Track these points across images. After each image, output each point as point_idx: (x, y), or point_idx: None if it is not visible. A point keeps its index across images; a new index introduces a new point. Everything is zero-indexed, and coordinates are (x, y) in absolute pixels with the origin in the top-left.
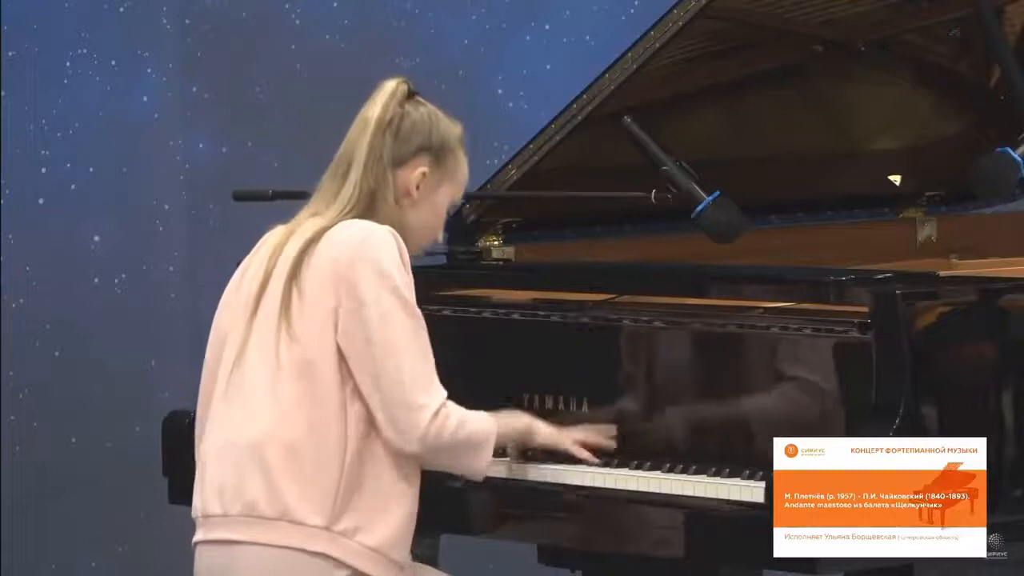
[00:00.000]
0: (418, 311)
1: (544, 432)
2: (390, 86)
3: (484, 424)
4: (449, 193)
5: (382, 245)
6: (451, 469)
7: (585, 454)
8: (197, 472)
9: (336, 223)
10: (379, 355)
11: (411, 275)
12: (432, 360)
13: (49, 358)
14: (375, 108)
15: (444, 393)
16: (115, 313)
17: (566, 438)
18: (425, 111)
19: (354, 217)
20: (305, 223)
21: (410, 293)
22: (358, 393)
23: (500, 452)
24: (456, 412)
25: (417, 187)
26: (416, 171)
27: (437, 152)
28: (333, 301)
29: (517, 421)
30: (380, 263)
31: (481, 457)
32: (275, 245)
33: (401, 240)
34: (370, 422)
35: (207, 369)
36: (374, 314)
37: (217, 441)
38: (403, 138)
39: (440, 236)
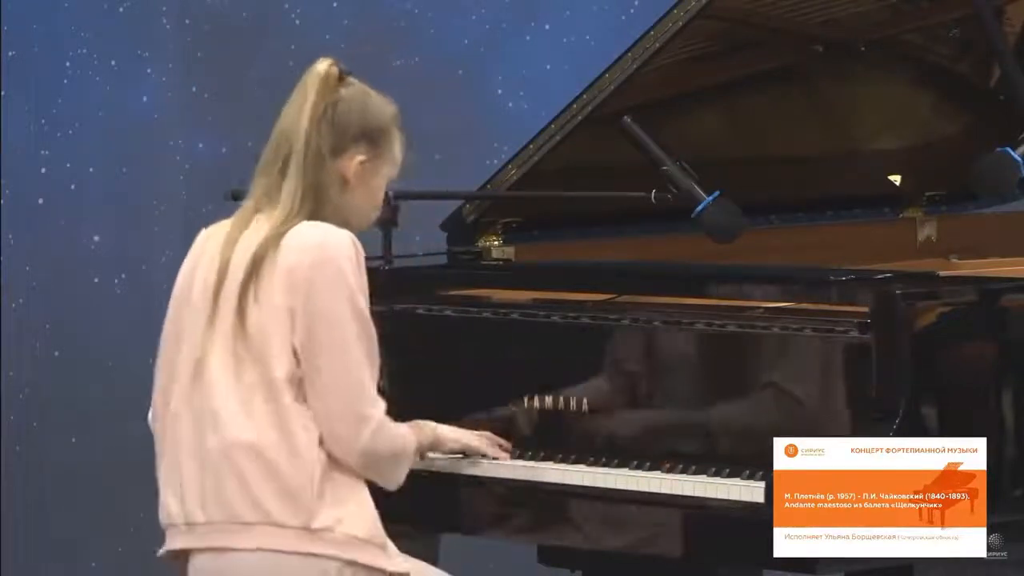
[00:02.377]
0: (369, 320)
1: (450, 438)
2: (320, 71)
3: (407, 439)
4: (386, 174)
5: (340, 252)
6: (376, 479)
7: (497, 451)
8: (170, 476)
9: (289, 227)
10: (331, 367)
11: (365, 278)
12: (376, 372)
13: (49, 358)
14: (308, 96)
15: (382, 407)
16: (115, 313)
17: (472, 439)
18: (357, 93)
19: (304, 216)
20: (254, 220)
21: (364, 300)
22: None
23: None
24: (391, 430)
25: (354, 175)
26: (353, 160)
27: (373, 138)
28: (288, 307)
29: (424, 431)
30: (337, 272)
31: (401, 472)
32: (223, 245)
33: (358, 243)
34: None
35: (164, 370)
36: (328, 325)
37: (187, 449)
38: (339, 127)
39: (375, 216)
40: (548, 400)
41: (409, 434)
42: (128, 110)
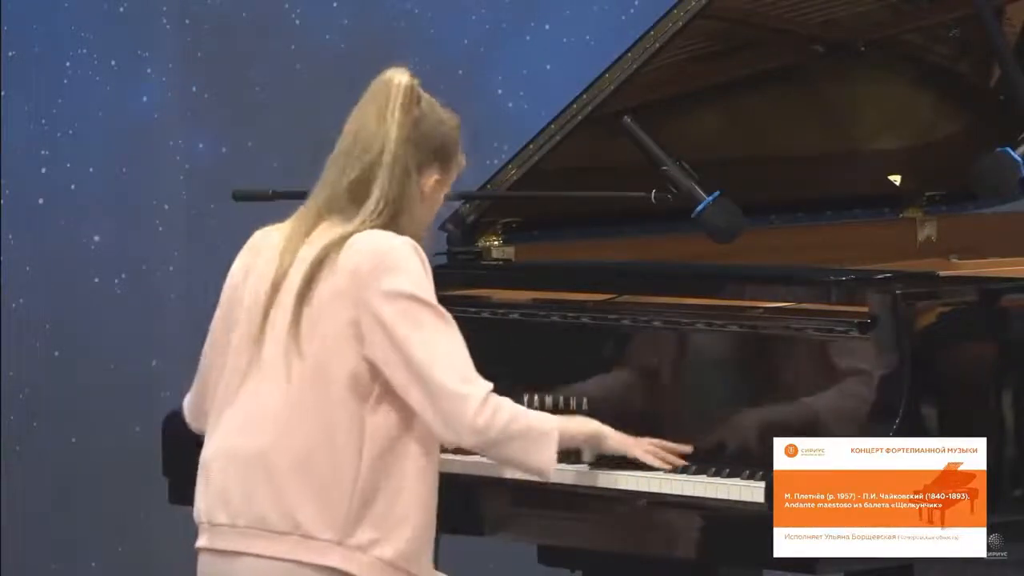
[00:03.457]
0: (444, 310)
1: (615, 438)
2: (405, 83)
3: (544, 420)
4: (446, 187)
5: (401, 259)
6: (513, 464)
7: (656, 462)
8: (200, 475)
9: (354, 233)
10: (415, 362)
11: (431, 282)
12: (468, 354)
13: (49, 358)
14: (394, 111)
15: (488, 384)
16: (115, 313)
17: (637, 447)
18: (431, 108)
19: (379, 226)
20: (319, 227)
21: (431, 297)
22: (383, 407)
23: (573, 457)
24: (509, 404)
25: (429, 192)
26: (431, 179)
27: (445, 156)
28: (351, 316)
29: (585, 425)
30: (397, 278)
31: (543, 453)
32: (283, 249)
33: (421, 250)
34: (394, 436)
35: (207, 361)
36: (399, 325)
37: (223, 448)
38: (423, 145)
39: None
40: (548, 400)
41: (547, 418)
42: (128, 110)
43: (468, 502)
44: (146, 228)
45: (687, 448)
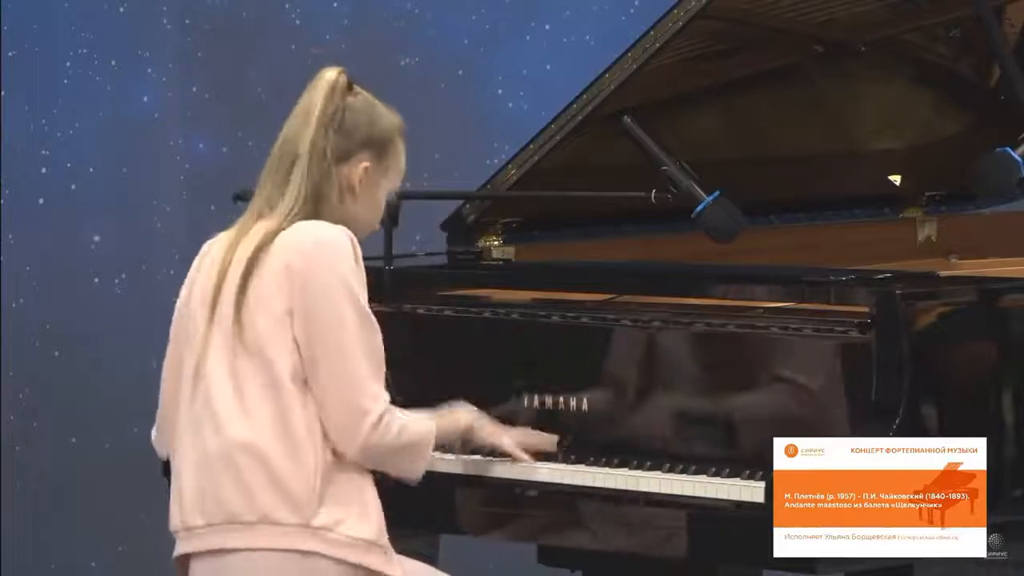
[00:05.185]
0: (370, 315)
1: (486, 431)
2: (329, 78)
3: (423, 428)
4: (389, 185)
5: (336, 248)
6: (388, 472)
7: (523, 455)
8: (173, 486)
9: (285, 227)
10: (328, 360)
11: (364, 273)
12: (382, 366)
13: (49, 358)
14: (316, 103)
15: (387, 398)
16: (115, 313)
17: (506, 439)
18: (365, 103)
19: (302, 217)
20: (254, 227)
21: (363, 295)
22: None
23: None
24: (398, 419)
25: (360, 182)
26: (359, 166)
27: (379, 146)
28: (287, 305)
29: (458, 420)
30: (334, 268)
31: (419, 462)
32: (225, 249)
33: (355, 239)
34: None
35: (169, 382)
36: (325, 320)
37: (188, 454)
38: (345, 133)
39: (377, 226)
40: (548, 400)
41: (425, 424)
42: (128, 110)
43: (467, 502)
44: (146, 228)
45: (554, 438)
